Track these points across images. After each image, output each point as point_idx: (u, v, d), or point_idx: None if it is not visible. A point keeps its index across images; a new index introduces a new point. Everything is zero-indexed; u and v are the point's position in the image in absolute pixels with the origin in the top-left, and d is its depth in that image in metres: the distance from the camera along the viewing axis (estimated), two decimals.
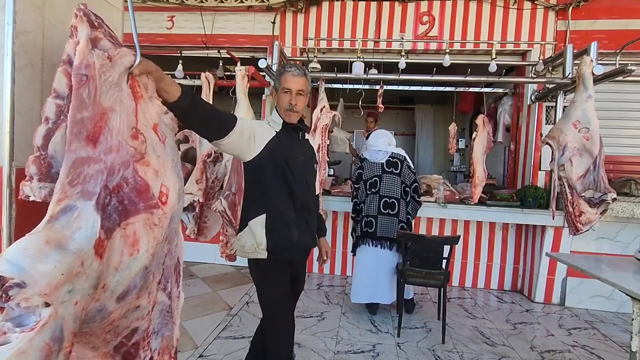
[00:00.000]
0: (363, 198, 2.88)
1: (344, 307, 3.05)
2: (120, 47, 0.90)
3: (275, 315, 1.53)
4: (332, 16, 3.80)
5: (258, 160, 1.41)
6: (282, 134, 1.48)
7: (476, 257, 3.72)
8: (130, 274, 0.87)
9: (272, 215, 1.45)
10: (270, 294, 1.52)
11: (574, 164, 2.67)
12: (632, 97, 3.56)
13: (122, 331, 0.93)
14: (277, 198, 1.45)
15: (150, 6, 3.91)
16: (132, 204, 0.88)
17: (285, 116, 1.49)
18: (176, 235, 1.08)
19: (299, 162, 1.52)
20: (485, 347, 2.50)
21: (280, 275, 1.51)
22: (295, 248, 1.50)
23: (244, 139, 1.35)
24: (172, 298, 1.08)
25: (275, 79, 1.52)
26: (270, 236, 1.43)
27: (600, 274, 1.46)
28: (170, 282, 1.07)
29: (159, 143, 0.99)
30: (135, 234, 0.88)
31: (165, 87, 1.03)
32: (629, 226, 3.30)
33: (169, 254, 1.06)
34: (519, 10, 3.59)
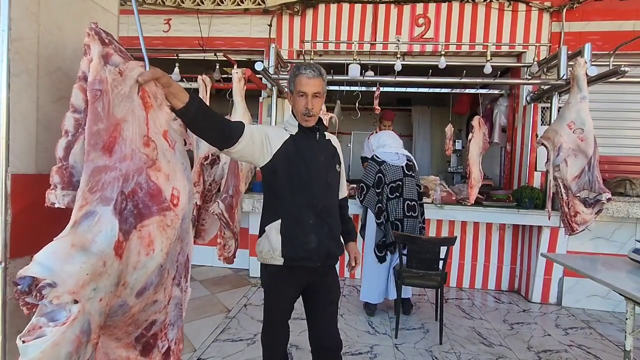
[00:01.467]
0: (385, 202, 2.82)
1: (342, 309, 3.05)
2: (129, 61, 0.97)
3: (271, 324, 1.54)
4: (329, 19, 3.82)
5: (272, 165, 1.38)
6: (298, 136, 1.43)
7: (473, 257, 3.74)
8: (147, 272, 0.95)
9: (288, 221, 1.40)
10: (272, 302, 1.51)
11: (569, 164, 2.69)
12: (628, 97, 3.59)
13: (142, 323, 1.02)
14: (293, 202, 1.40)
15: (147, 9, 3.92)
16: (146, 208, 0.96)
17: (302, 120, 1.43)
18: (187, 234, 1.15)
19: (318, 164, 1.45)
20: (482, 348, 2.51)
21: (289, 284, 1.46)
22: (313, 255, 1.41)
23: (256, 145, 1.33)
24: (182, 292, 1.16)
25: (290, 81, 1.44)
26: (286, 242, 1.38)
27: (594, 274, 1.47)
28: (182, 277, 1.15)
29: (169, 149, 1.07)
30: (150, 235, 0.96)
31: (174, 93, 1.06)
32: (625, 226, 3.32)
33: (182, 252, 1.14)
34: (513, 12, 3.62)
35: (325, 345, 1.57)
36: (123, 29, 4.24)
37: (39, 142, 0.98)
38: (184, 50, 3.94)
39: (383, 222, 2.85)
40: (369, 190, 2.90)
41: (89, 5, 1.07)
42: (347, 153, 7.14)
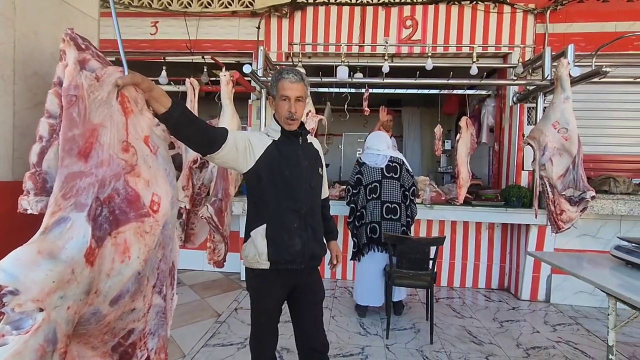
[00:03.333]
0: (364, 203, 2.86)
1: (334, 311, 3.05)
2: (107, 66, 0.96)
3: (259, 327, 1.54)
4: (317, 21, 3.83)
5: (255, 170, 1.39)
6: (281, 141, 1.44)
7: (463, 256, 3.77)
8: (122, 280, 0.94)
9: (273, 225, 1.41)
10: (259, 305, 1.51)
11: (554, 163, 2.74)
12: (612, 97, 3.67)
13: (119, 332, 1.00)
14: (277, 207, 1.41)
15: (133, 12, 3.88)
16: (123, 214, 0.95)
17: (285, 124, 1.44)
18: (171, 240, 1.14)
19: (302, 168, 1.46)
20: (472, 346, 2.53)
21: (275, 286, 1.46)
22: (298, 258, 1.43)
23: (239, 151, 1.33)
24: (167, 300, 1.14)
25: (272, 86, 1.45)
26: (271, 246, 1.40)
27: (578, 271, 1.50)
28: (165, 285, 1.13)
29: (151, 154, 1.06)
30: (126, 242, 0.94)
31: (156, 98, 1.06)
32: (609, 223, 3.39)
33: (164, 259, 1.12)
34: (499, 14, 3.67)
35: (312, 347, 1.57)
36: (111, 31, 4.18)
37: (15, 149, 0.96)
38: (172, 53, 3.91)
39: (355, 224, 2.87)
40: (351, 192, 2.94)
41: (67, 10, 1.05)
42: (338, 154, 7.16)
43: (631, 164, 3.70)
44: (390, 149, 2.93)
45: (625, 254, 1.57)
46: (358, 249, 2.89)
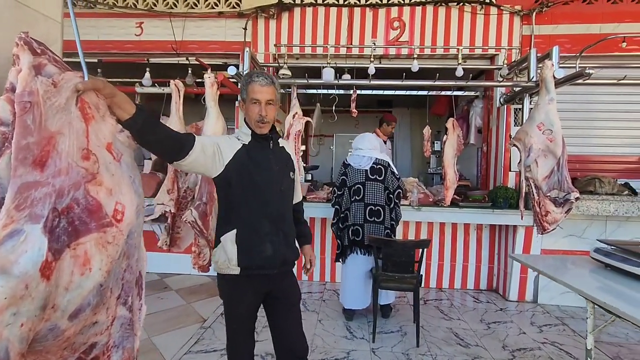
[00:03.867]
0: (348, 205, 2.85)
1: (321, 314, 3.03)
2: (65, 71, 0.92)
3: (233, 334, 1.52)
4: (304, 22, 3.80)
5: (225, 175, 1.37)
6: (252, 145, 1.43)
7: (452, 258, 3.77)
8: (83, 293, 0.90)
9: (243, 230, 1.40)
10: (232, 312, 1.49)
11: (539, 164, 2.75)
12: (599, 98, 3.69)
13: (80, 347, 0.96)
14: (248, 212, 1.41)
15: (117, 12, 3.82)
16: (83, 224, 0.91)
17: (256, 128, 1.43)
18: (136, 250, 1.10)
19: (272, 172, 1.46)
20: (458, 349, 2.52)
21: (247, 292, 1.45)
22: (269, 263, 1.43)
23: (207, 156, 1.31)
24: (134, 311, 1.11)
25: (242, 89, 1.44)
26: (241, 252, 1.38)
27: (557, 274, 1.49)
28: (131, 295, 1.09)
29: (114, 162, 1.02)
30: (87, 254, 0.90)
31: (119, 104, 1.02)
32: (595, 223, 3.41)
33: (129, 269, 1.08)
34: (485, 15, 3.68)
35: (291, 350, 1.57)
36: (92, 32, 4.12)
37: None
38: (158, 54, 3.86)
39: (339, 226, 2.86)
40: (336, 193, 2.93)
41: (25, 13, 1.02)
42: (329, 155, 7.14)
43: (617, 164, 3.74)
44: (375, 151, 2.91)
45: (604, 256, 1.57)
46: (341, 251, 2.87)
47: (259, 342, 2.51)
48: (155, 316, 2.89)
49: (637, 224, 3.40)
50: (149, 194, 3.55)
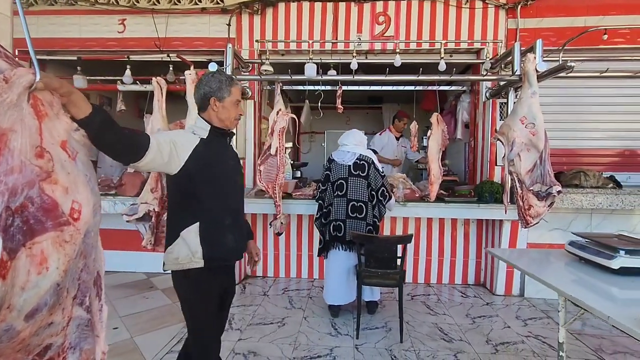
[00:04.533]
0: (331, 200, 2.85)
1: (307, 311, 3.02)
2: (17, 67, 0.90)
3: (203, 333, 1.50)
4: (289, 17, 3.77)
5: (185, 170, 1.37)
6: (210, 140, 1.47)
7: (440, 253, 3.77)
8: (39, 292, 0.88)
9: (207, 223, 1.43)
10: (201, 307, 1.48)
11: (522, 158, 2.74)
12: (585, 91, 3.69)
13: (34, 349, 0.94)
14: (210, 205, 1.44)
15: (99, 9, 3.77)
16: (39, 223, 0.89)
17: (232, 125, 1.54)
18: (94, 249, 1.09)
19: (230, 167, 1.56)
20: (442, 344, 2.52)
21: (214, 285, 1.48)
22: (231, 254, 1.52)
23: (164, 155, 1.30)
24: (93, 312, 1.09)
25: (223, 89, 1.48)
26: (206, 244, 1.41)
27: (527, 268, 1.49)
28: (89, 296, 1.08)
29: (69, 160, 1.00)
30: (43, 253, 0.88)
31: (75, 102, 1.00)
32: (580, 216, 3.42)
33: (86, 269, 1.06)
34: (471, 9, 3.66)
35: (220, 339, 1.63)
36: (74, 30, 4.05)
37: None
38: (141, 51, 3.80)
39: (322, 221, 2.85)
40: (320, 188, 2.93)
41: None
42: (321, 152, 7.12)
43: (603, 157, 3.75)
44: (360, 147, 2.89)
45: (578, 249, 1.56)
46: (323, 246, 2.86)
47: (242, 341, 2.52)
48: (139, 316, 2.87)
49: (621, 217, 3.42)
50: (133, 193, 3.52)
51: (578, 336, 2.67)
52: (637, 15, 3.50)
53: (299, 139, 7.09)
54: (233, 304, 3.10)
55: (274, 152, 3.12)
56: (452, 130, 4.31)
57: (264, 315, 2.94)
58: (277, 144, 3.12)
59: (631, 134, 3.71)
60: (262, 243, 3.89)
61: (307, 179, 4.79)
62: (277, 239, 3.85)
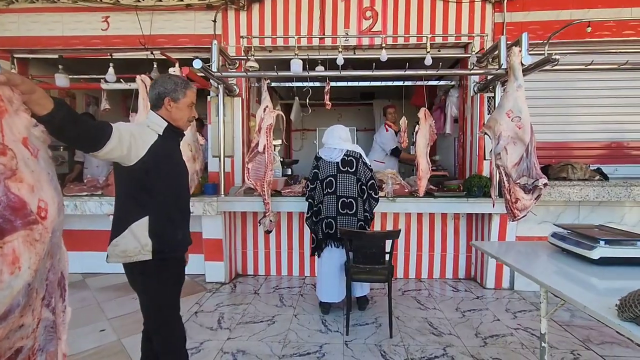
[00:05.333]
0: (321, 198, 2.83)
1: (297, 309, 3.01)
2: None
3: (171, 319, 1.56)
4: (276, 13, 3.73)
5: (142, 163, 1.39)
6: (165, 137, 1.52)
7: (430, 248, 3.78)
8: (12, 293, 0.87)
9: (157, 217, 1.48)
10: (163, 298, 1.53)
11: (508, 152, 2.74)
12: (573, 84, 3.71)
13: (5, 352, 0.92)
14: (162, 199, 1.49)
15: (81, 7, 3.70)
16: (8, 222, 0.87)
17: (185, 126, 1.61)
18: (59, 249, 1.07)
19: (181, 165, 1.64)
20: (431, 338, 2.53)
21: (171, 276, 1.55)
22: (181, 246, 1.60)
23: (125, 145, 1.31)
24: (57, 313, 1.08)
25: (178, 91, 1.54)
26: (156, 237, 1.45)
27: (508, 259, 1.48)
28: (54, 297, 1.06)
29: (31, 157, 0.98)
30: (15, 252, 0.87)
31: (37, 100, 0.98)
32: (568, 209, 3.45)
33: (52, 269, 1.05)
34: (457, 3, 3.65)
35: None
36: (57, 28, 3.98)
37: None
38: (126, 49, 3.75)
39: (313, 219, 2.84)
40: (309, 187, 2.90)
41: None
42: (312, 149, 7.09)
43: (590, 150, 3.78)
44: (347, 143, 2.88)
45: (560, 240, 1.57)
46: (316, 244, 2.84)
47: (231, 340, 2.51)
48: (127, 317, 2.84)
49: (609, 208, 3.45)
50: None
51: (567, 327, 2.70)
52: (622, 8, 3.51)
53: (290, 136, 7.06)
54: (223, 304, 3.11)
55: (262, 150, 3.09)
56: (441, 125, 4.32)
57: (254, 313, 2.92)
58: (265, 141, 3.10)
59: (617, 126, 3.74)
60: (253, 241, 3.87)
61: (298, 176, 4.77)
62: (267, 237, 3.83)
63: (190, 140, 2.91)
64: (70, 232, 3.77)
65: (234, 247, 3.83)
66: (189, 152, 2.88)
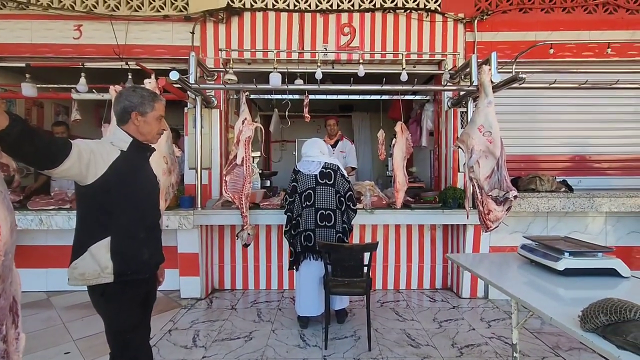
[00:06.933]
0: (299, 211, 2.82)
1: (275, 324, 2.96)
2: None
3: (133, 343, 1.48)
4: (255, 27, 3.76)
5: (102, 181, 1.34)
6: (130, 153, 1.46)
7: (408, 259, 3.83)
8: None
9: (119, 237, 1.41)
10: (124, 321, 1.46)
11: (481, 165, 2.85)
12: (539, 101, 3.93)
13: None
14: (125, 219, 1.43)
15: (53, 14, 3.60)
16: None
17: (154, 139, 1.56)
18: (10, 272, 1.01)
19: (149, 181, 1.58)
20: (409, 350, 2.54)
21: (134, 298, 1.47)
22: (146, 267, 1.51)
23: (83, 163, 1.26)
24: (9, 341, 1.00)
25: (143, 104, 1.49)
26: (117, 259, 1.38)
27: (480, 271, 1.53)
28: (5, 324, 0.99)
29: None
30: None
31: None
32: (537, 219, 3.60)
33: (3, 294, 0.98)
34: (431, 22, 3.81)
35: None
36: (25, 35, 3.84)
37: None
38: (99, 58, 3.66)
39: (291, 233, 2.83)
40: (287, 200, 2.89)
41: None
42: (292, 160, 7.09)
43: (556, 162, 3.98)
44: (324, 156, 2.90)
45: (528, 252, 1.63)
46: (294, 258, 2.82)
47: (206, 359, 2.42)
48: (95, 338, 2.69)
49: (575, 218, 3.63)
50: None
51: (537, 335, 2.78)
52: (581, 30, 3.77)
53: (270, 148, 7.04)
54: (198, 320, 3.01)
55: (240, 162, 3.07)
56: (417, 138, 4.43)
57: (231, 330, 2.85)
58: (243, 153, 3.07)
59: (580, 140, 3.97)
60: (230, 255, 3.80)
61: (277, 188, 4.75)
62: (245, 251, 3.77)
63: (165, 152, 2.85)
64: (35, 247, 3.58)
65: (211, 262, 3.74)
66: (165, 164, 2.81)
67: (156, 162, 2.46)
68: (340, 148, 4.51)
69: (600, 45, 3.63)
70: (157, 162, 2.64)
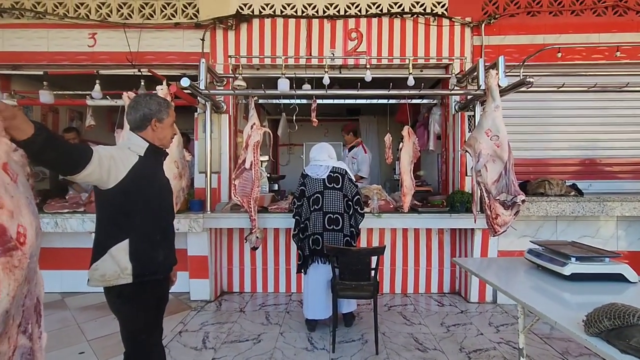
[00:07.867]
0: (308, 215, 2.85)
1: (284, 327, 2.99)
2: None
3: (147, 343, 1.53)
4: (263, 33, 3.82)
5: (122, 186, 1.40)
6: (147, 158, 1.52)
7: (416, 263, 3.83)
8: None
9: (137, 239, 1.46)
10: (140, 322, 1.51)
11: (488, 169, 2.85)
12: (549, 104, 3.90)
13: None
14: (142, 221, 1.49)
15: (69, 23, 3.71)
16: None
17: (169, 144, 1.65)
18: (35, 274, 1.06)
19: (164, 184, 1.65)
20: (417, 354, 2.55)
21: (149, 299, 1.52)
22: (162, 268, 1.56)
23: (104, 169, 1.32)
24: (34, 339, 1.05)
25: (163, 111, 1.58)
26: (135, 260, 1.44)
27: (486, 276, 1.54)
28: (30, 323, 1.05)
29: (11, 182, 0.98)
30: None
31: (18, 125, 0.99)
32: (546, 224, 3.57)
33: (29, 295, 1.03)
34: (438, 27, 3.82)
35: None
36: (42, 44, 3.96)
37: None
38: (113, 65, 3.77)
39: (299, 236, 2.86)
40: (295, 204, 2.92)
41: None
42: (300, 164, 7.14)
43: (566, 166, 3.95)
44: (332, 160, 2.94)
45: (535, 257, 1.64)
46: (303, 262, 2.85)
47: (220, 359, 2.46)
48: (108, 338, 2.76)
49: (584, 223, 3.59)
50: None
51: (547, 340, 2.76)
52: (590, 33, 3.75)
53: (277, 152, 7.10)
54: (208, 322, 3.06)
55: (249, 166, 3.12)
56: (425, 142, 4.44)
57: (240, 332, 2.89)
58: (252, 157, 3.12)
59: (590, 143, 3.93)
60: (239, 258, 3.85)
61: (285, 191, 4.80)
62: (253, 254, 3.81)
63: (177, 157, 2.91)
64: (50, 250, 3.67)
65: (220, 264, 3.80)
66: (175, 169, 2.87)
67: (167, 167, 2.52)
68: (352, 154, 4.58)
69: (610, 48, 3.60)
70: (168, 166, 2.71)
